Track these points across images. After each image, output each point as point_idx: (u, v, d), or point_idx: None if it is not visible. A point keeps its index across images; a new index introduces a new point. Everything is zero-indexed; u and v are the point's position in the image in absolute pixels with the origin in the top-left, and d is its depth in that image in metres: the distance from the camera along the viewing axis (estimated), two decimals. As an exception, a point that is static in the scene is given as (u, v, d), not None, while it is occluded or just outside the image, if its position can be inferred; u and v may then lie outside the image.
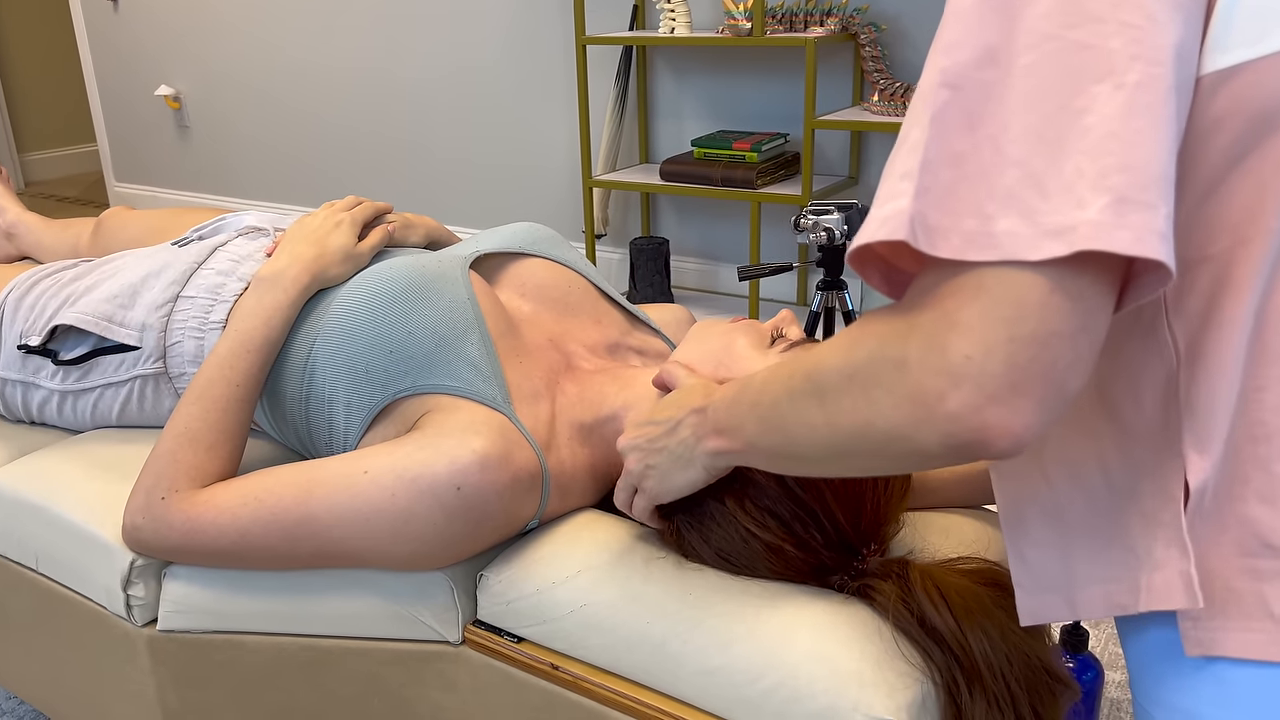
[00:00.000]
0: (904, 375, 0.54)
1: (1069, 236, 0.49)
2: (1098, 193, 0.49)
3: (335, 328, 1.00)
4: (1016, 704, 0.79)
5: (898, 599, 0.82)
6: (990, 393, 0.51)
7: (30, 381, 1.18)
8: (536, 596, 0.91)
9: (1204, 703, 0.61)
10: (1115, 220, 0.48)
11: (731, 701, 0.81)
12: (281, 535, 0.92)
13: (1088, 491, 0.65)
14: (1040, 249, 0.49)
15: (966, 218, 0.51)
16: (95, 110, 4.45)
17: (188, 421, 0.97)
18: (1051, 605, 0.68)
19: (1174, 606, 0.60)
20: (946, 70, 0.53)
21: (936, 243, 0.52)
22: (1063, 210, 0.49)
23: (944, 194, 0.52)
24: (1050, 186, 0.50)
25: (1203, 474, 0.58)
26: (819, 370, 0.61)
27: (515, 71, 3.22)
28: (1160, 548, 0.61)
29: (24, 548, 1.10)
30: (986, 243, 0.51)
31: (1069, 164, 0.50)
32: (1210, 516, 0.60)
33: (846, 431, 0.59)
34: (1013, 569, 0.71)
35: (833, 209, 1.43)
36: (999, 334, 0.50)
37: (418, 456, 0.89)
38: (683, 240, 3.09)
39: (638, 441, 0.84)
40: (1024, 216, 0.50)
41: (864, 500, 0.85)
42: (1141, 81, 0.50)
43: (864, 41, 2.56)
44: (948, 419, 0.52)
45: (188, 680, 1.01)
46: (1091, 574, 0.65)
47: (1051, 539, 0.67)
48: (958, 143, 0.52)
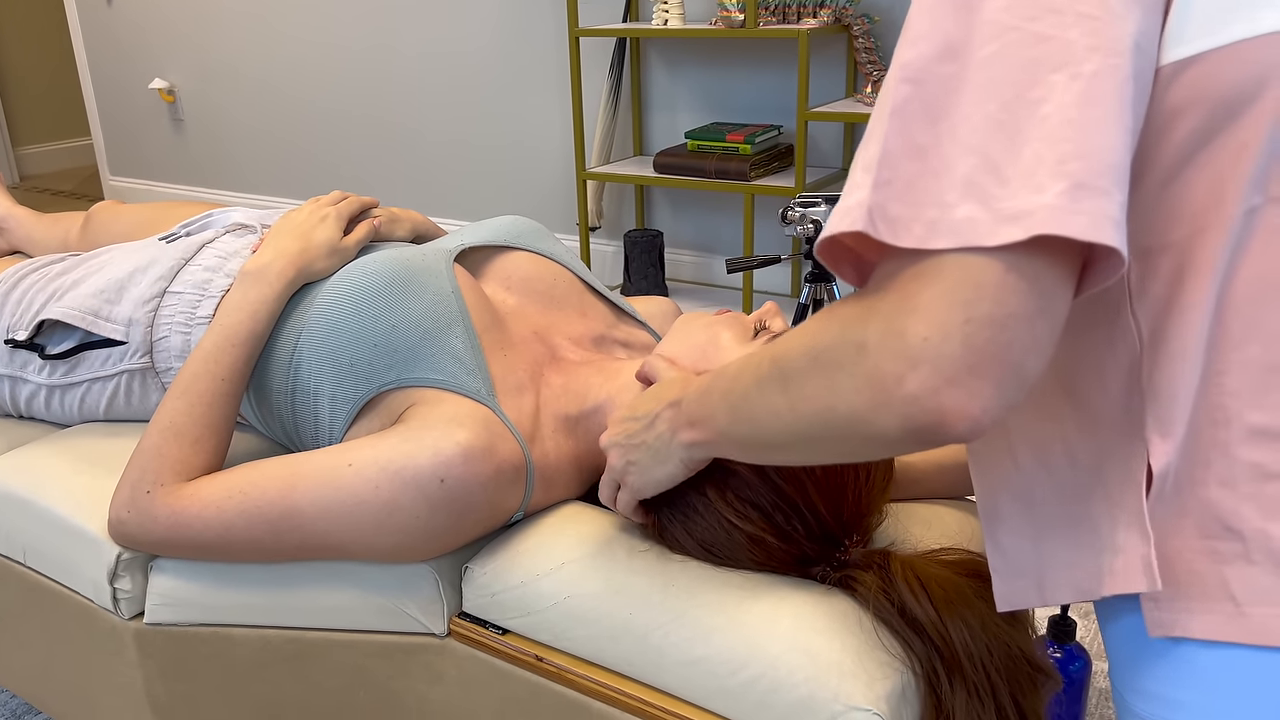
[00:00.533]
0: (863, 358, 0.54)
1: (1026, 221, 0.49)
2: (1055, 179, 0.49)
3: (320, 322, 1.00)
4: (997, 694, 0.79)
5: (878, 590, 0.82)
6: (948, 375, 0.51)
7: (18, 376, 1.18)
8: (521, 589, 0.91)
9: (1178, 687, 0.61)
10: (1071, 205, 0.49)
11: (713, 692, 0.82)
12: (266, 528, 0.92)
13: (1054, 475, 0.65)
14: (998, 234, 0.50)
15: (928, 208, 0.52)
16: (89, 104, 4.44)
17: (173, 416, 0.97)
18: (1024, 590, 0.69)
19: (1134, 590, 0.60)
20: (908, 65, 0.54)
21: (899, 233, 0.53)
22: (1020, 196, 0.50)
23: (905, 186, 0.53)
24: (1008, 173, 0.50)
25: (1165, 458, 0.59)
26: (784, 356, 0.62)
27: (508, 64, 3.22)
28: (1122, 532, 0.61)
29: (11, 541, 1.10)
30: (946, 230, 0.51)
31: (1027, 151, 0.50)
32: (1172, 500, 0.60)
33: (809, 417, 0.59)
34: (989, 555, 0.71)
35: (820, 201, 1.43)
36: (956, 316, 0.51)
37: (402, 449, 0.90)
38: (677, 233, 3.09)
39: (618, 438, 0.85)
40: (982, 203, 0.51)
41: (845, 491, 0.85)
42: (1098, 71, 0.50)
43: (857, 33, 2.56)
44: (905, 401, 0.53)
45: (175, 673, 1.02)
46: (1058, 558, 0.66)
47: (1023, 524, 0.68)
48: (918, 135, 0.53)
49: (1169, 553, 0.61)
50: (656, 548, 0.91)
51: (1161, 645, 0.63)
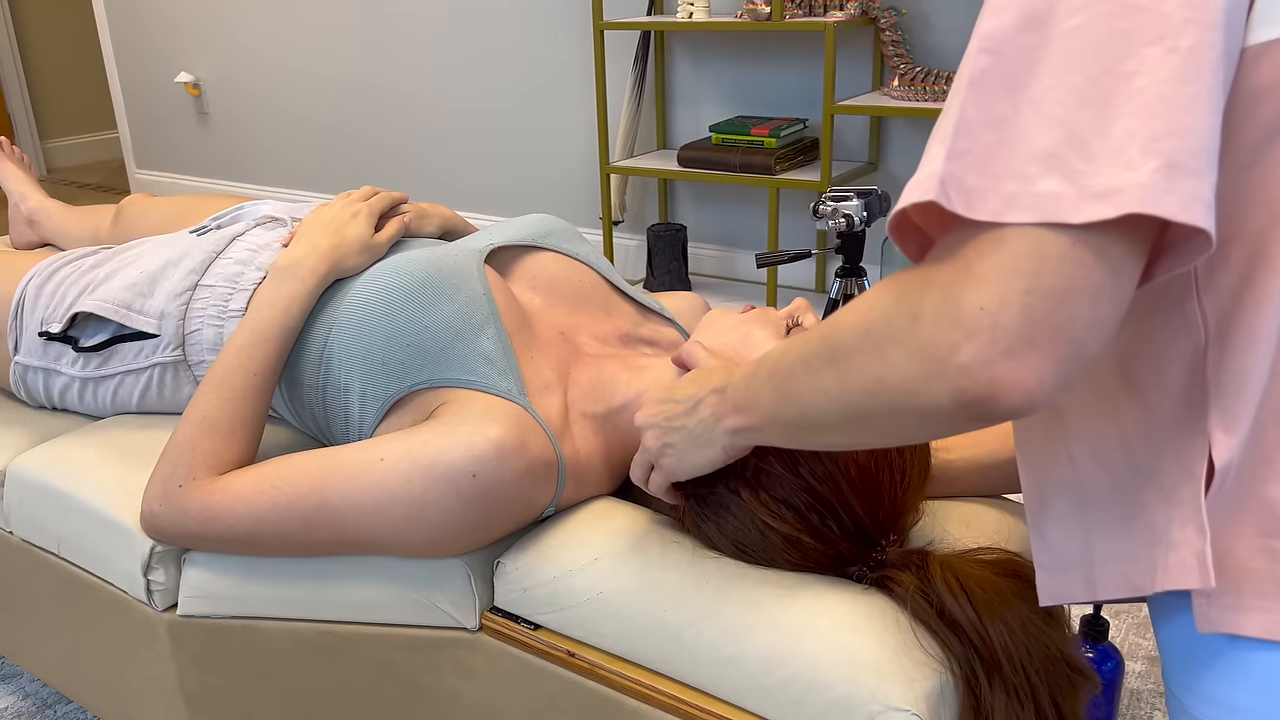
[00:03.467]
0: (917, 328, 0.53)
1: (1116, 199, 0.48)
2: (1148, 155, 0.48)
3: (351, 319, 1.00)
4: (1036, 695, 0.78)
5: (916, 590, 0.81)
6: (1003, 346, 0.50)
7: (51, 368, 1.19)
8: (553, 584, 0.91)
9: (1233, 690, 0.60)
10: (1164, 184, 0.47)
11: (748, 690, 0.81)
12: (298, 522, 0.92)
13: (1110, 470, 0.64)
14: (1084, 211, 0.48)
15: (1007, 180, 0.50)
16: (116, 97, 4.47)
17: (205, 409, 0.97)
18: (1071, 584, 0.68)
19: (1188, 586, 0.59)
20: (988, 35, 0.52)
21: (974, 205, 0.51)
22: (1108, 172, 0.48)
23: (984, 156, 0.51)
24: (1095, 149, 0.49)
25: (1228, 452, 0.57)
26: (835, 332, 0.60)
27: (533, 57, 3.21)
28: (1177, 527, 0.60)
29: (46, 533, 1.11)
30: (1028, 203, 0.50)
31: (1117, 126, 0.49)
32: (1231, 496, 0.59)
33: (858, 392, 0.58)
34: (1034, 548, 0.70)
35: (852, 195, 1.42)
36: (1016, 286, 0.49)
37: (434, 444, 0.89)
38: (700, 227, 3.07)
39: (656, 419, 0.83)
40: (1067, 178, 0.49)
41: (881, 491, 0.84)
42: (1195, 46, 0.48)
43: (884, 26, 2.54)
44: (958, 371, 0.51)
45: (207, 664, 1.02)
46: (1110, 552, 0.65)
47: (1073, 518, 0.67)
48: (998, 106, 0.51)
49: (1224, 549, 0.59)
50: (690, 543, 0.90)
51: (1216, 647, 0.61)
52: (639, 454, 0.87)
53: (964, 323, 0.50)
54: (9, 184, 1.76)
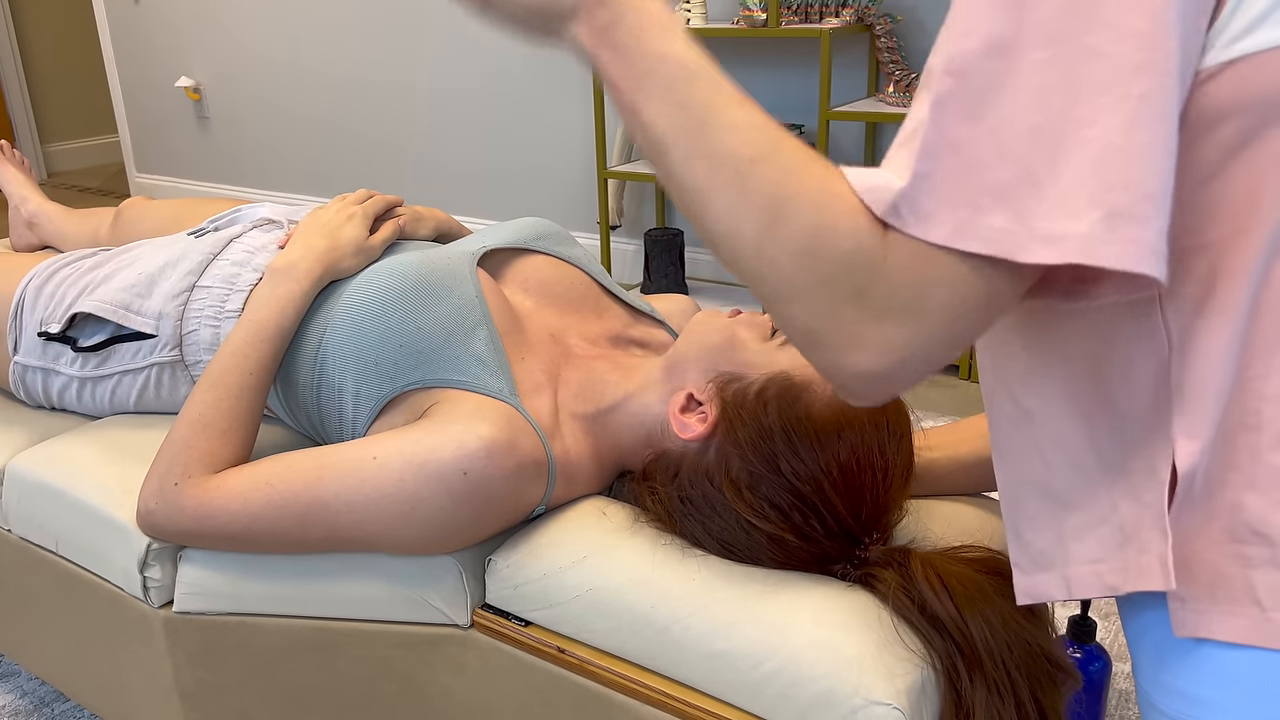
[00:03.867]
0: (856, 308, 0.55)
1: (1060, 245, 0.50)
2: (1092, 206, 0.50)
3: (345, 320, 1.01)
4: (1017, 690, 0.80)
5: (898, 587, 0.83)
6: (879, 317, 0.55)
7: (50, 368, 1.20)
8: (543, 581, 0.92)
9: (1203, 685, 0.61)
10: (1105, 235, 0.49)
11: (734, 685, 0.82)
12: (292, 520, 0.93)
13: (1082, 471, 0.65)
14: (1030, 251, 0.51)
15: (961, 207, 0.52)
16: (116, 101, 4.49)
17: (201, 409, 0.99)
18: (1046, 583, 0.69)
19: (1151, 588, 0.61)
20: (953, 58, 0.54)
21: (929, 228, 0.53)
22: (1055, 218, 0.50)
23: (941, 181, 0.53)
24: (1047, 191, 0.51)
25: (1191, 459, 0.59)
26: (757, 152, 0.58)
27: (530, 63, 3.23)
28: (1146, 529, 0.62)
29: (44, 530, 1.12)
30: (974, 234, 0.52)
31: (1069, 172, 0.50)
32: (1201, 502, 0.60)
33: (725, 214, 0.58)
34: (1010, 549, 0.71)
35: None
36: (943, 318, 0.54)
37: (425, 442, 0.91)
38: (697, 231, 3.09)
39: None
40: (1018, 216, 0.51)
41: (864, 490, 0.86)
42: (1146, 94, 0.50)
43: (879, 33, 2.56)
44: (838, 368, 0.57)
45: (203, 661, 1.03)
46: (1084, 552, 0.66)
47: (1047, 518, 0.68)
48: (958, 130, 0.53)
49: (1195, 554, 0.61)
50: (678, 541, 0.91)
51: (1187, 644, 0.63)
52: None
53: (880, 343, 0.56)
54: (9, 187, 1.77)
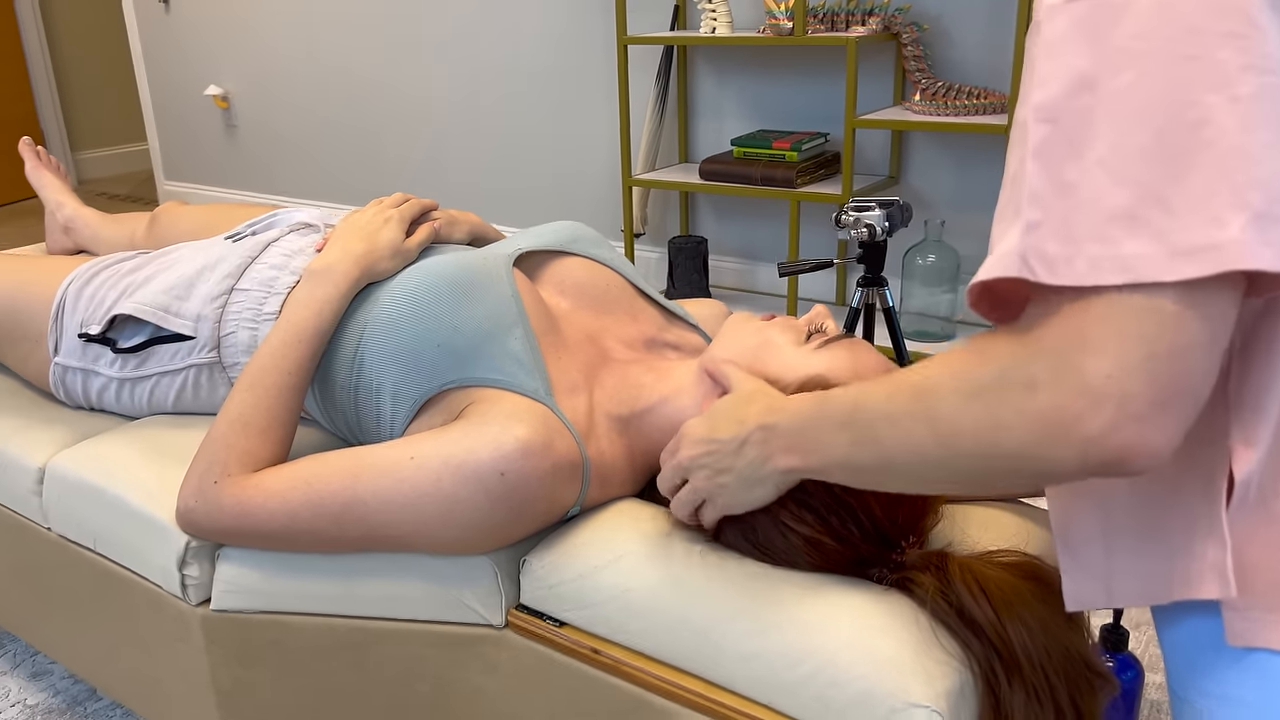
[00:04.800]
0: (1034, 395, 0.54)
1: (1212, 256, 0.49)
2: (1235, 210, 0.49)
3: (383, 321, 1.02)
4: (1055, 695, 0.79)
5: (936, 591, 0.82)
6: (1133, 412, 0.51)
7: (90, 369, 1.22)
8: (579, 581, 0.92)
9: (1246, 689, 0.61)
10: (1259, 238, 0.49)
11: (771, 687, 0.82)
12: (329, 519, 0.94)
13: (1133, 485, 0.65)
14: (1176, 270, 0.49)
15: (1088, 243, 0.51)
16: (146, 109, 4.54)
17: (241, 408, 1.00)
18: (1091, 591, 0.69)
19: (1205, 596, 0.60)
20: (1040, 106, 0.53)
21: (1059, 271, 0.52)
22: (1195, 229, 0.49)
23: (1059, 223, 0.52)
24: (1176, 204, 0.50)
25: (1248, 466, 0.59)
26: (929, 391, 0.61)
27: (557, 71, 3.25)
28: (1198, 540, 0.61)
29: (83, 528, 1.14)
30: (1113, 265, 0.51)
31: (1194, 178, 0.49)
32: (1256, 509, 0.60)
33: (965, 454, 0.59)
34: (1059, 554, 0.71)
35: (874, 205, 1.44)
36: (1137, 352, 0.50)
37: (463, 443, 0.92)
38: (721, 239, 3.10)
39: (703, 461, 0.84)
40: (1153, 238, 0.50)
41: (901, 495, 0.86)
42: (1257, 93, 0.49)
43: (906, 41, 2.56)
44: (1086, 440, 0.52)
45: (239, 659, 1.04)
46: (1129, 566, 0.66)
47: (1095, 529, 0.68)
48: (1065, 173, 0.52)
49: (1251, 562, 0.60)
50: (712, 542, 0.92)
51: (1233, 651, 0.62)
52: (685, 493, 0.87)
53: (1090, 391, 0.51)
54: (45, 192, 1.80)
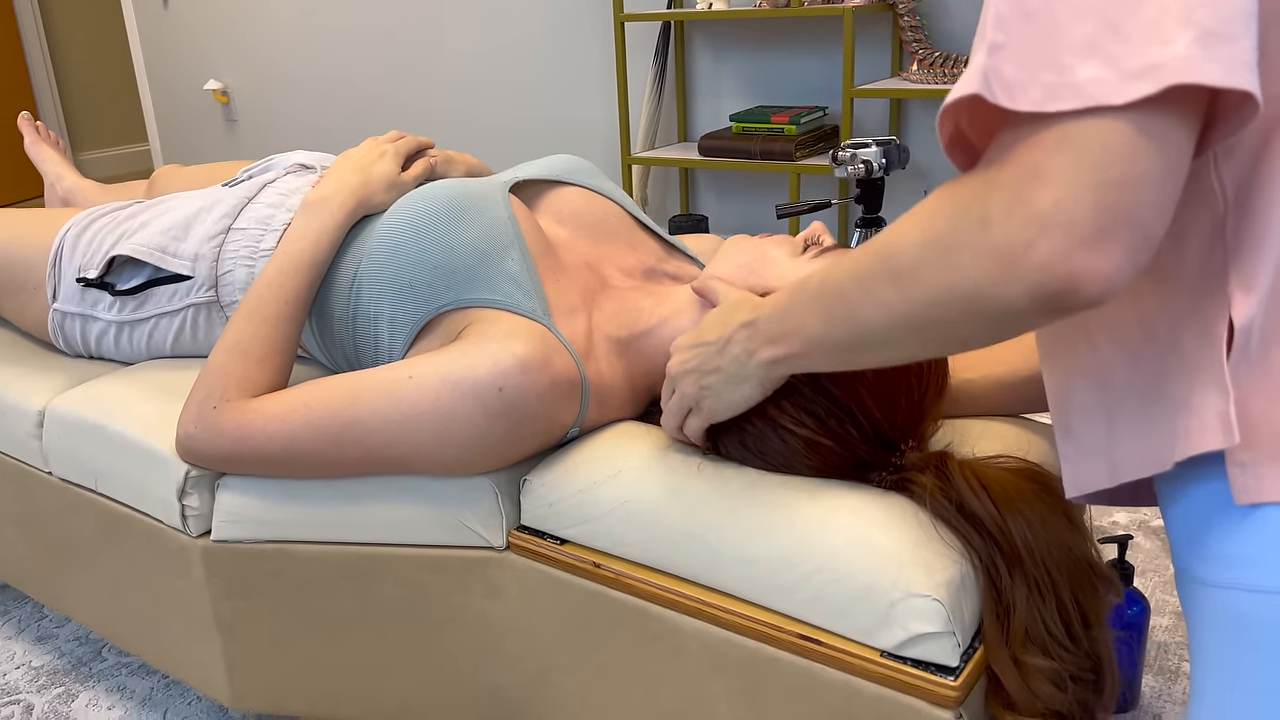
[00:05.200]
0: (987, 231, 0.54)
1: (1157, 74, 0.49)
2: (1183, 28, 0.49)
3: (381, 246, 1.02)
4: (1058, 590, 0.79)
5: (935, 488, 0.82)
6: (1080, 237, 0.51)
7: (89, 314, 1.22)
8: (579, 496, 0.92)
9: (1250, 545, 0.60)
10: (1203, 54, 0.49)
11: (771, 589, 0.82)
12: (329, 440, 0.94)
13: (1129, 350, 0.65)
14: (1127, 91, 0.49)
15: (1045, 71, 0.52)
16: (146, 105, 4.56)
17: (238, 336, 1.00)
18: (1094, 471, 0.69)
19: (1211, 448, 0.60)
20: None
21: (1016, 96, 0.52)
22: (1146, 50, 0.49)
23: (1020, 49, 0.53)
24: (1129, 29, 0.50)
25: (1248, 310, 0.58)
26: (892, 247, 0.61)
27: (555, 51, 3.25)
28: (1198, 393, 0.61)
29: (84, 469, 1.14)
30: (1069, 92, 0.51)
31: (1147, 6, 0.50)
32: (1257, 360, 0.59)
33: (925, 302, 0.59)
34: (1059, 443, 0.71)
35: (870, 143, 1.44)
36: (1086, 179, 0.50)
37: (461, 361, 0.91)
38: (721, 217, 3.09)
39: (689, 364, 0.84)
40: (1106, 62, 0.50)
41: (899, 396, 0.86)
42: None
43: (902, 11, 2.56)
44: (1036, 269, 0.52)
45: (240, 590, 1.04)
46: (1131, 432, 0.66)
47: (1096, 406, 0.68)
48: (1029, 2, 0.53)
49: (1255, 415, 0.60)
50: (712, 458, 0.91)
51: (1237, 511, 0.62)
52: (673, 402, 0.87)
53: (1038, 219, 0.51)
54: (45, 165, 1.80)
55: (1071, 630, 0.79)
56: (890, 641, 0.77)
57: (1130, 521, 1.69)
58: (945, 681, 0.75)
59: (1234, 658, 0.61)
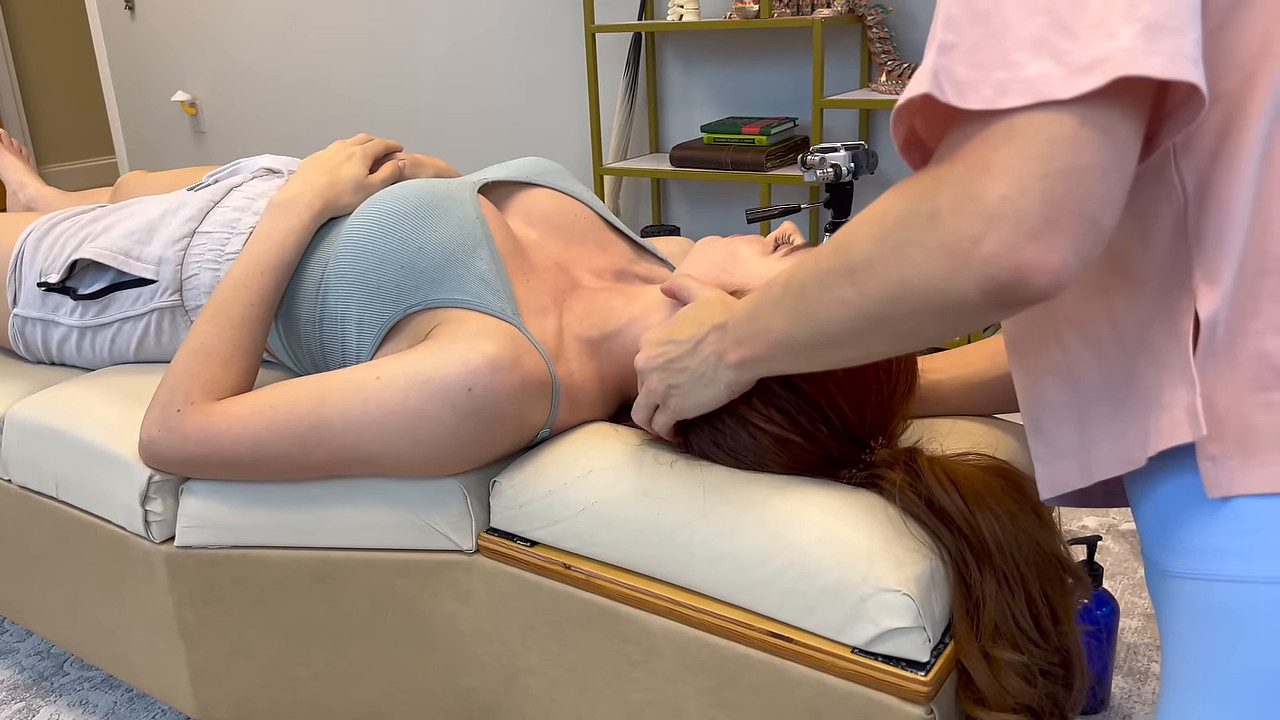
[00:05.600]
0: (937, 226, 0.54)
1: (1102, 67, 0.50)
2: (1128, 22, 0.50)
3: (348, 247, 1.01)
4: (1027, 585, 0.79)
5: (905, 484, 0.82)
6: (1027, 229, 0.51)
7: (50, 319, 1.20)
8: (548, 497, 0.91)
9: (1220, 537, 0.60)
10: (1147, 46, 0.49)
11: (741, 586, 0.82)
12: (295, 442, 0.93)
13: (1098, 348, 0.65)
14: (1074, 85, 0.50)
15: (996, 69, 0.52)
16: (112, 116, 4.52)
17: (203, 338, 0.98)
18: (1067, 472, 0.69)
19: (1179, 441, 0.60)
20: None
21: (966, 95, 0.53)
22: (1092, 45, 0.50)
23: (970, 49, 0.53)
24: (1076, 26, 0.51)
25: (1213, 304, 0.59)
26: (847, 245, 0.61)
27: (525, 61, 3.26)
28: (1168, 389, 0.61)
29: (43, 475, 1.12)
30: (1018, 88, 0.51)
31: (1095, 2, 0.51)
32: (1223, 353, 0.60)
33: (880, 299, 0.59)
34: (1031, 444, 0.71)
35: (840, 147, 1.45)
36: (1033, 171, 0.51)
37: (429, 360, 0.91)
38: (693, 228, 3.10)
39: (658, 362, 0.84)
40: (1054, 59, 0.51)
41: (869, 393, 0.86)
42: None
43: (870, 23, 2.58)
44: (985, 261, 0.52)
45: (204, 597, 1.02)
46: (1103, 432, 0.66)
47: (1066, 406, 0.68)
48: (979, 2, 0.54)
49: (1222, 408, 0.60)
50: (683, 455, 0.91)
51: (1209, 504, 0.62)
52: (641, 396, 0.88)
53: (986, 212, 0.52)
54: (8, 173, 1.78)
55: (1041, 625, 0.79)
56: (860, 637, 0.77)
57: (1099, 525, 1.70)
58: (916, 677, 0.74)
59: (1210, 645, 0.62)
